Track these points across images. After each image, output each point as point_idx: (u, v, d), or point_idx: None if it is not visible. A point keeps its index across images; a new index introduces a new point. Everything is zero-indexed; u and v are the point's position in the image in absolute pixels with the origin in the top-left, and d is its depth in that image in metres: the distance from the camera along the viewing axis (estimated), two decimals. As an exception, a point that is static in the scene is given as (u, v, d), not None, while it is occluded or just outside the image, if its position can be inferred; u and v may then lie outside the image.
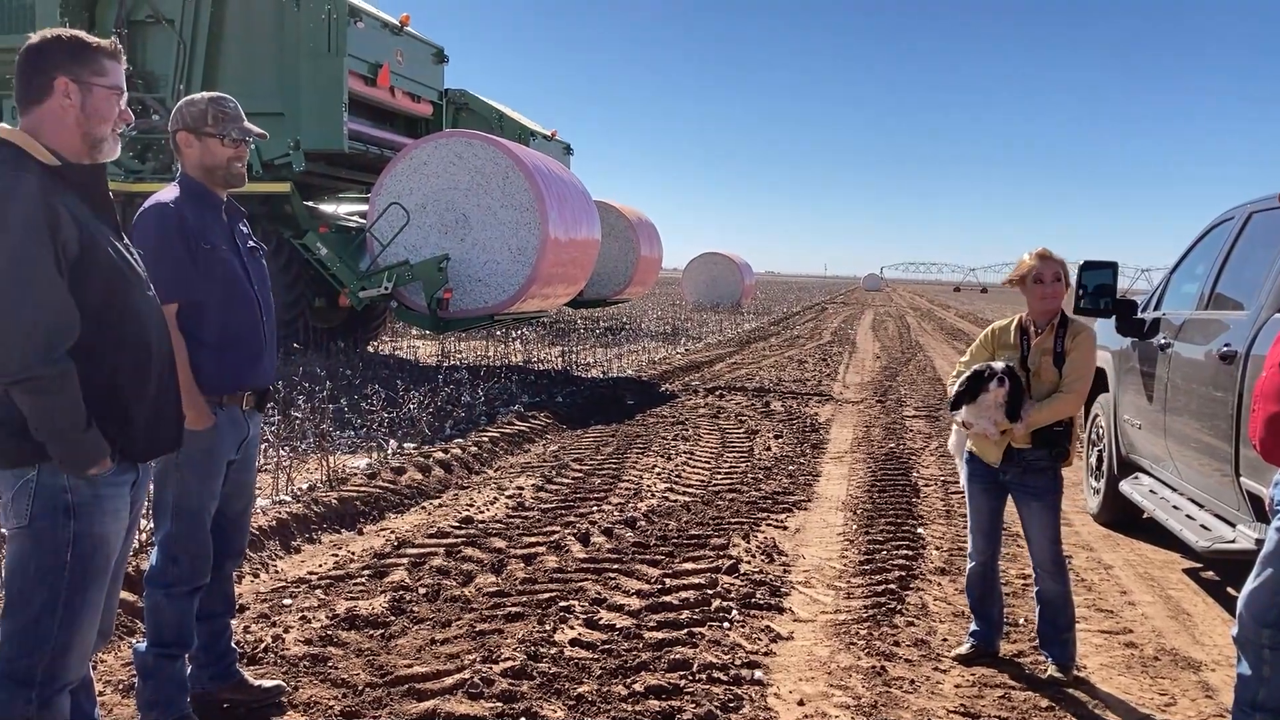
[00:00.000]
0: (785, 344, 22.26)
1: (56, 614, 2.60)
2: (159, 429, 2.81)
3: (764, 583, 5.32)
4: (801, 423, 10.79)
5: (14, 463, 2.59)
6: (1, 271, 2.47)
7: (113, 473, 2.67)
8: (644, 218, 24.82)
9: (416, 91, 15.75)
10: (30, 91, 2.65)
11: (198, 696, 3.65)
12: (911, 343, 24.58)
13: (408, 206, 13.41)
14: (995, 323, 4.57)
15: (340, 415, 9.29)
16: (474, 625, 4.58)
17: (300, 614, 4.67)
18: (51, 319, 2.51)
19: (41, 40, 2.68)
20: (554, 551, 5.79)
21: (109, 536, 2.69)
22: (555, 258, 13.67)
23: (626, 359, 16.83)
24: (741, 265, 39.89)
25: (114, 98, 2.70)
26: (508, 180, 13.30)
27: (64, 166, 2.63)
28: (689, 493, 7.42)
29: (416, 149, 13.71)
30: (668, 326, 25.22)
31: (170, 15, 13.97)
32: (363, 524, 6.41)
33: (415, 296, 13.52)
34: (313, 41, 13.43)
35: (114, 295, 2.66)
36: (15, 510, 2.60)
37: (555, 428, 10.10)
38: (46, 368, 2.49)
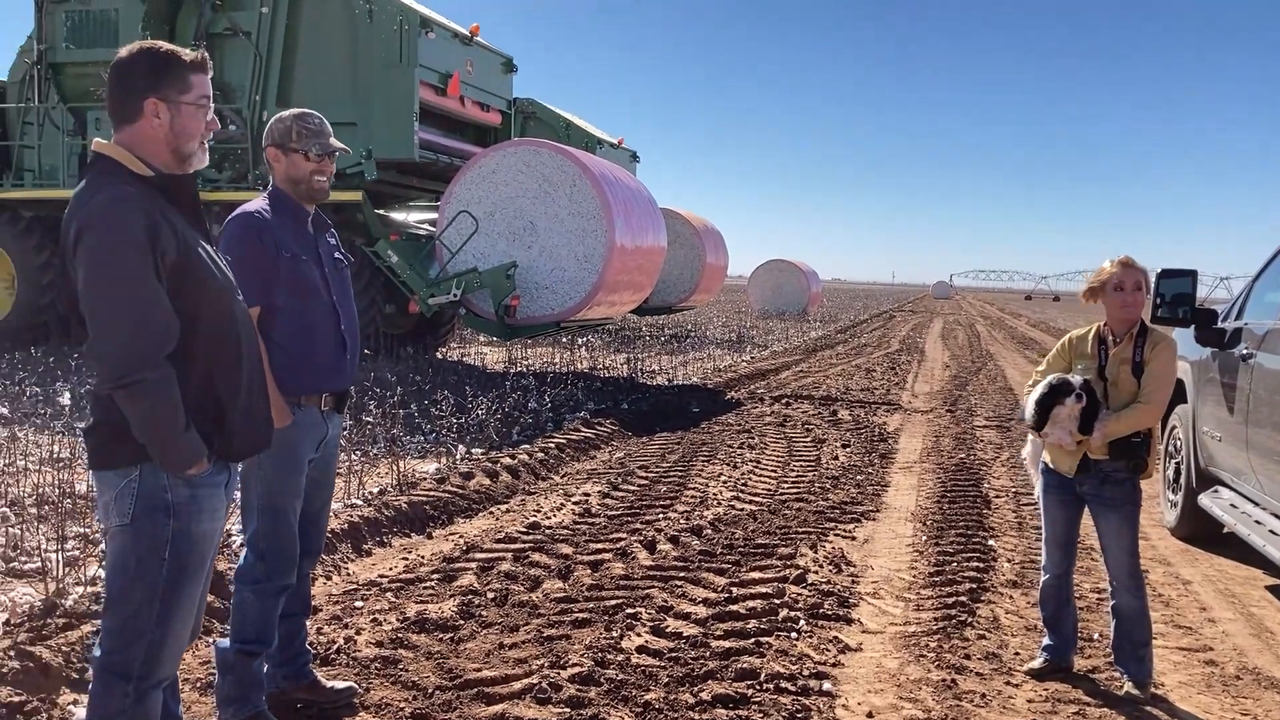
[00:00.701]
0: (852, 352, 22.07)
1: (154, 610, 2.68)
2: (251, 429, 2.89)
3: (832, 593, 5.28)
4: (869, 432, 10.70)
5: (117, 463, 2.68)
6: (105, 281, 2.56)
7: (209, 473, 2.74)
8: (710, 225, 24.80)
9: (486, 101, 15.91)
10: (121, 112, 2.73)
11: (272, 696, 3.72)
12: (982, 351, 24.21)
13: (476, 214, 13.55)
14: (1073, 331, 4.48)
15: (410, 420, 9.41)
16: (542, 630, 4.61)
17: (371, 616, 4.74)
18: (153, 325, 2.59)
19: (129, 57, 2.73)
20: (621, 558, 5.80)
21: (205, 535, 2.77)
22: (621, 265, 13.71)
23: (692, 366, 16.82)
24: (808, 272, 39.65)
25: (201, 111, 2.77)
26: (575, 188, 13.38)
27: (158, 177, 2.72)
28: (755, 501, 7.39)
29: (485, 158, 13.85)
30: (733, 334, 25.15)
31: (247, 28, 14.30)
32: (432, 528, 6.49)
33: (483, 303, 13.65)
34: (385, 52, 13.64)
35: (208, 301, 2.74)
36: (118, 509, 2.68)
37: (621, 435, 10.12)
38: (149, 372, 2.56)
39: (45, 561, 4.88)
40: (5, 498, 6.32)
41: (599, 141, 19.15)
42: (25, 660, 3.81)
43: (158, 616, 2.69)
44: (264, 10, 14.12)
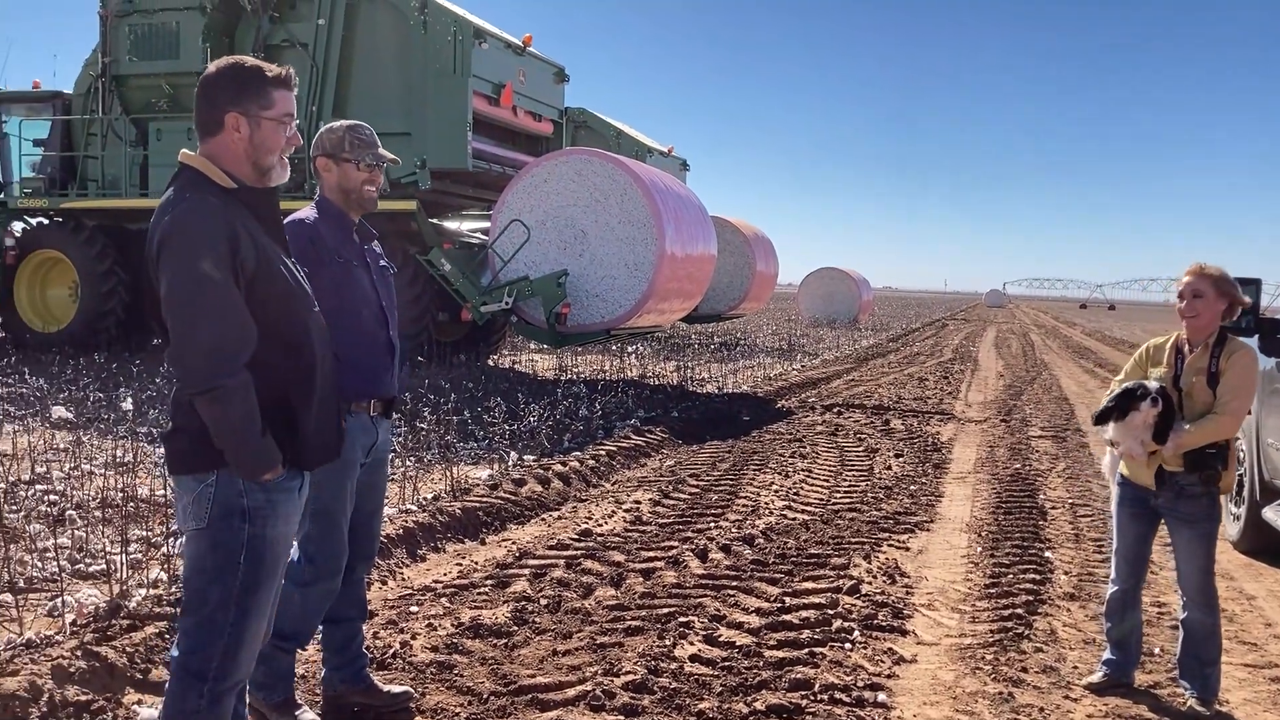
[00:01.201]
0: (905, 361, 21.89)
1: (230, 612, 2.74)
2: (323, 438, 2.95)
3: (886, 604, 5.24)
4: (923, 442, 10.60)
5: (194, 468, 2.74)
6: (187, 290, 2.62)
7: (283, 478, 2.80)
8: (760, 233, 24.74)
9: (538, 110, 16.03)
10: (205, 124, 2.81)
11: (329, 699, 3.77)
12: (1036, 361, 23.90)
13: (528, 223, 13.64)
14: (1151, 340, 4.40)
15: (463, 427, 9.49)
16: (594, 638, 4.62)
17: (427, 621, 4.78)
18: (232, 333, 2.65)
19: (215, 72, 2.82)
20: (672, 567, 5.80)
21: (280, 539, 2.83)
22: (671, 273, 13.73)
23: (742, 375, 16.78)
24: (859, 280, 39.40)
25: (282, 126, 2.83)
26: (626, 197, 13.42)
27: (240, 190, 2.78)
28: (808, 511, 7.35)
29: (537, 167, 13.94)
30: (783, 342, 25.05)
31: (304, 40, 14.54)
32: (485, 534, 6.53)
33: (534, 311, 13.73)
34: (439, 63, 13.80)
35: (285, 310, 2.80)
36: (195, 513, 2.74)
37: (671, 443, 10.12)
38: (228, 379, 2.62)
39: (110, 564, 4.98)
40: (71, 500, 6.46)
41: (649, 150, 19.20)
42: (92, 660, 3.90)
43: (234, 619, 2.75)
44: (321, 22, 14.35)
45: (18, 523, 5.85)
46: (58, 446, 8.18)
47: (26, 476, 7.01)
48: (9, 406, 10.04)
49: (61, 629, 4.24)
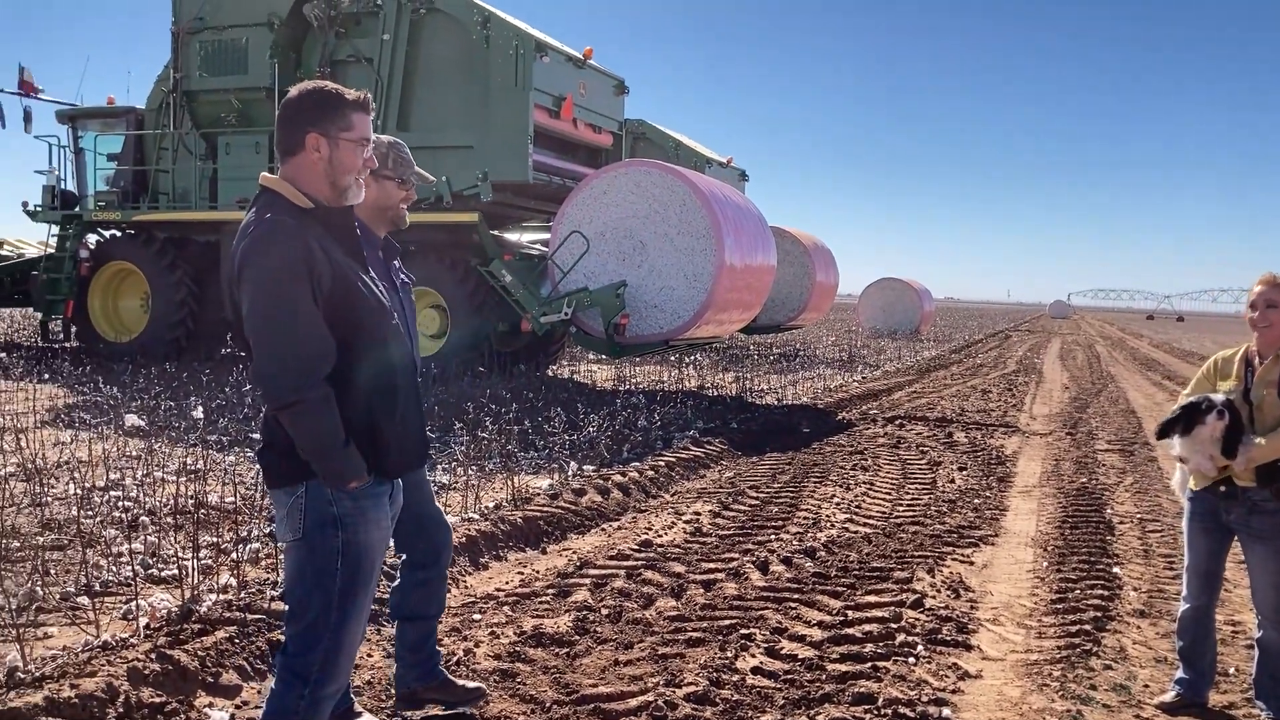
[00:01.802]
0: (967, 373, 21.61)
1: (331, 617, 2.86)
2: (407, 446, 3.05)
3: (950, 618, 5.18)
4: (986, 455, 10.46)
5: (285, 481, 2.87)
6: (266, 307, 2.73)
7: (370, 486, 2.90)
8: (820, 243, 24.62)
9: (598, 123, 16.11)
10: (287, 144, 2.91)
11: (403, 697, 3.82)
12: (1102, 373, 23.47)
13: (587, 234, 13.71)
14: (1220, 352, 4.30)
15: (524, 437, 9.55)
16: (656, 648, 4.63)
17: (489, 629, 4.82)
18: (311, 349, 2.76)
19: (297, 95, 2.92)
20: (733, 578, 5.78)
21: (373, 544, 2.94)
22: (730, 284, 13.70)
23: (801, 386, 16.69)
24: (920, 291, 39.00)
25: (359, 148, 2.93)
26: (685, 208, 13.43)
27: (317, 209, 2.88)
28: (870, 524, 7.29)
29: (597, 179, 14.00)
30: (844, 353, 24.88)
31: (369, 55, 14.77)
32: (546, 543, 6.57)
33: (593, 322, 13.78)
34: (500, 77, 13.93)
35: (363, 324, 2.89)
36: (290, 524, 2.87)
37: (731, 454, 10.10)
38: (309, 393, 2.73)
39: (181, 569, 5.08)
40: (144, 507, 6.62)
41: (708, 161, 19.21)
42: (165, 663, 3.98)
43: (334, 624, 2.87)
44: (385, 37, 14.56)
45: (94, 528, 6.00)
46: (130, 454, 8.37)
47: (101, 483, 7.19)
48: (84, 414, 10.30)
49: (136, 632, 4.35)
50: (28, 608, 4.72)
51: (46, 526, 6.13)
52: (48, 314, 17.25)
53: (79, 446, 8.62)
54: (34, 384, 12.62)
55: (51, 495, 6.84)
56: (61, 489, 7.09)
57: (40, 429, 9.48)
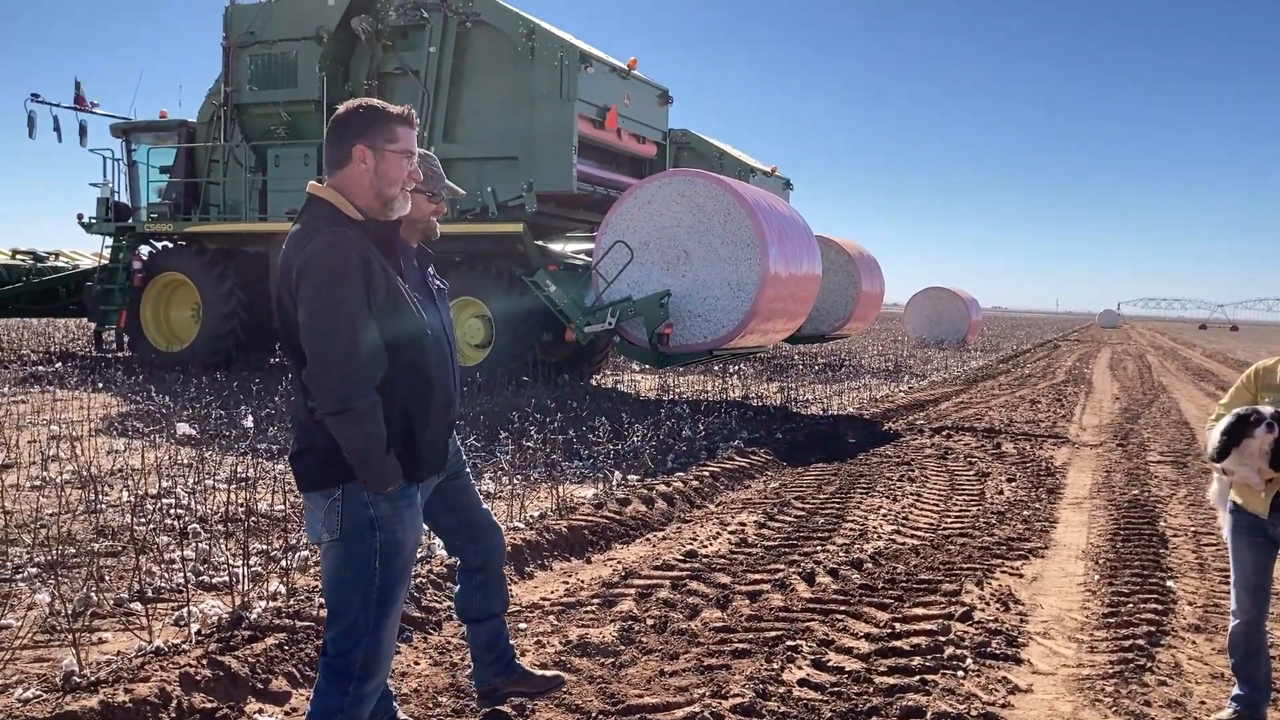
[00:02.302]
0: (1016, 383, 21.37)
1: (370, 615, 2.96)
2: (434, 453, 3.17)
3: (1000, 632, 5.11)
4: (1035, 466, 10.33)
5: (323, 484, 2.97)
6: (326, 318, 2.82)
7: (403, 488, 3.01)
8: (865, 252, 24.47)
9: (642, 133, 16.15)
10: (334, 157, 3.03)
11: (485, 694, 3.85)
12: (1154, 383, 23.10)
13: (631, 244, 13.73)
14: (1259, 362, 4.22)
15: (568, 446, 9.57)
16: (701, 659, 4.61)
17: (535, 638, 4.83)
18: (364, 357, 2.85)
19: (345, 111, 3.04)
20: (779, 589, 5.75)
21: (407, 543, 3.04)
22: (775, 293, 13.66)
23: (847, 396, 16.59)
24: (967, 300, 38.64)
25: (404, 160, 3.04)
26: (729, 217, 13.41)
27: (366, 221, 2.98)
28: (917, 535, 7.22)
29: (641, 188, 14.03)
30: (889, 363, 24.70)
31: (415, 67, 14.92)
32: (590, 553, 6.58)
33: (637, 331, 13.80)
34: (545, 88, 14.01)
35: (407, 335, 3.00)
36: (327, 526, 2.97)
37: (775, 464, 10.06)
38: (359, 400, 2.83)
39: (232, 576, 5.15)
40: (195, 514, 6.71)
41: (752, 170, 19.17)
42: (216, 669, 4.04)
43: (374, 621, 2.96)
44: (432, 50, 14.71)
45: (147, 535, 6.09)
46: (182, 462, 8.50)
47: (154, 491, 7.30)
48: (137, 423, 10.48)
49: (187, 638, 4.41)
50: (83, 613, 4.80)
51: (101, 533, 6.25)
52: (102, 324, 17.58)
53: (132, 454, 8.78)
54: (89, 393, 12.87)
55: (106, 502, 6.97)
56: (115, 496, 7.21)
57: (95, 437, 9.66)
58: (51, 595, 4.82)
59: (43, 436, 9.39)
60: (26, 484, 7.54)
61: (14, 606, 4.87)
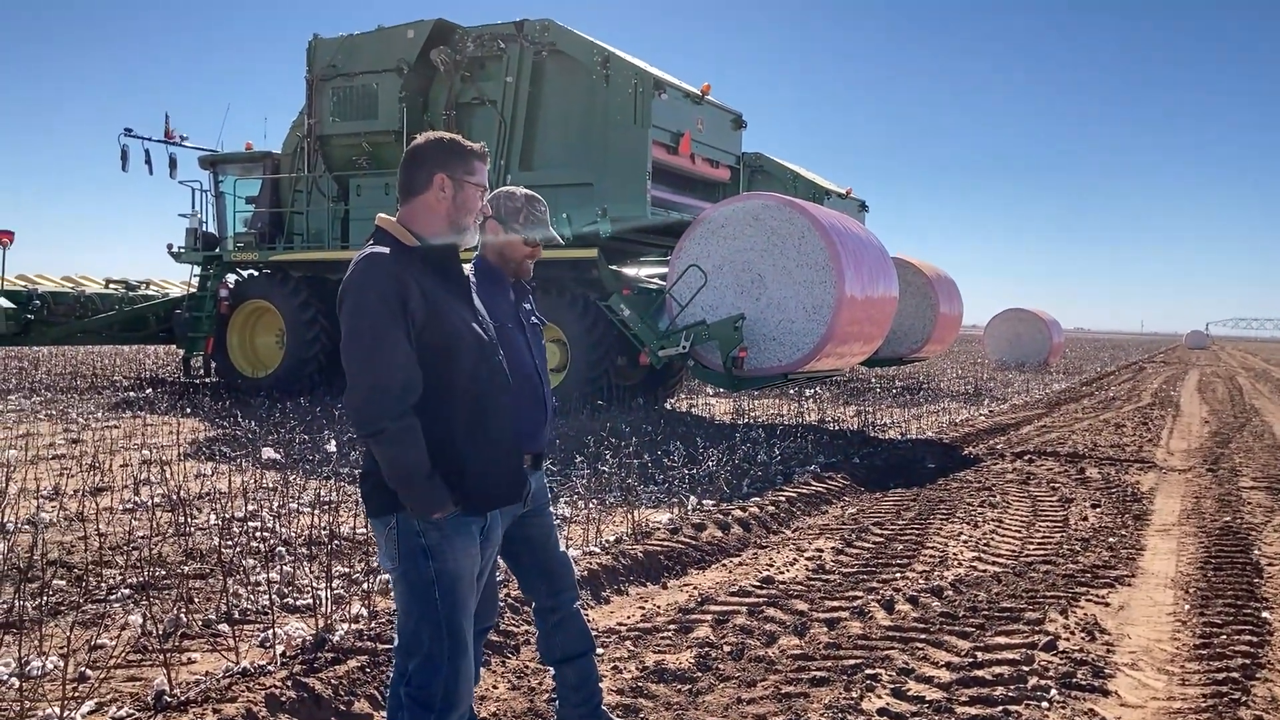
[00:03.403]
0: (1099, 406, 20.88)
1: (443, 645, 2.95)
2: (491, 484, 3.08)
3: (1085, 662, 4.99)
4: (1121, 491, 10.07)
5: (379, 511, 2.97)
6: (360, 338, 2.85)
7: (456, 516, 2.97)
8: (943, 274, 24.17)
9: (715, 157, 16.19)
10: (412, 184, 3.07)
11: None
12: (1245, 406, 22.39)
13: (705, 268, 13.75)
14: None
15: (643, 470, 9.59)
16: (779, 687, 4.58)
17: (612, 664, 4.84)
18: (396, 379, 2.85)
19: (424, 141, 3.09)
20: (857, 617, 5.69)
21: (464, 572, 3.00)
22: (851, 316, 13.55)
23: (926, 420, 16.36)
24: (1049, 322, 37.91)
25: (479, 193, 3.10)
26: (804, 240, 13.36)
27: (422, 246, 3.01)
28: (999, 563, 7.09)
29: (714, 212, 14.06)
30: (969, 386, 24.32)
31: (493, 97, 15.18)
32: (666, 578, 6.57)
33: (711, 355, 13.79)
34: (620, 114, 14.14)
35: (454, 359, 2.98)
36: (387, 553, 2.98)
37: (853, 489, 9.96)
38: (394, 422, 2.83)
39: (315, 598, 5.25)
40: (279, 537, 6.86)
41: (827, 192, 19.09)
42: (301, 690, 4.12)
43: (447, 650, 2.95)
44: (509, 80, 14.95)
45: (234, 557, 6.24)
46: (267, 486, 8.70)
47: (240, 514, 7.48)
48: (224, 448, 10.75)
49: (272, 659, 4.50)
50: (173, 633, 4.94)
51: (190, 555, 6.42)
52: (190, 350, 18.10)
53: (219, 478, 9.00)
54: (177, 418, 13.25)
55: (194, 525, 7.16)
56: (204, 519, 7.40)
57: (183, 461, 9.94)
58: (143, 616, 4.96)
59: (134, 460, 9.68)
60: (119, 507, 7.79)
61: (109, 626, 5.03)
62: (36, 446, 10.60)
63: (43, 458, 9.97)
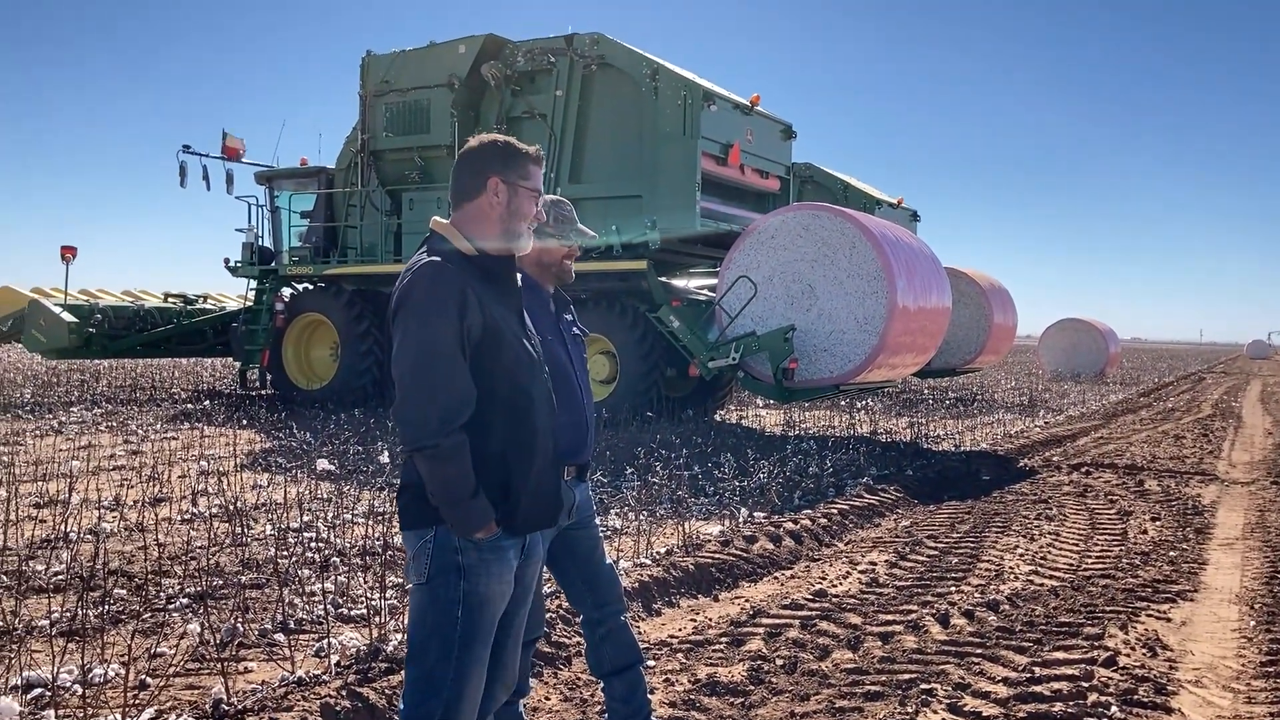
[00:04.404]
0: (1158, 417, 20.50)
1: (449, 666, 2.83)
2: (538, 505, 2.99)
3: (1147, 679, 4.88)
4: (1182, 504, 9.87)
5: (417, 524, 2.88)
6: (414, 350, 2.77)
7: (497, 538, 2.88)
8: (996, 284, 23.88)
9: (765, 168, 16.16)
10: (465, 188, 2.99)
11: None
12: (1310, 417, 21.87)
13: (755, 279, 13.71)
14: None
15: (694, 482, 9.56)
16: (833, 701, 4.53)
17: (664, 676, 4.83)
18: (451, 395, 2.77)
19: (478, 144, 3.02)
20: (912, 631, 5.62)
21: (493, 597, 2.90)
22: (903, 327, 13.43)
23: (979, 431, 16.17)
24: (1105, 331, 37.32)
25: (533, 198, 3.02)
26: (855, 250, 13.28)
27: (479, 256, 2.94)
28: (1056, 576, 6.97)
29: (764, 223, 14.02)
30: (1024, 397, 24.00)
31: (543, 111, 15.29)
32: (718, 590, 6.54)
33: (761, 366, 13.73)
34: (669, 127, 14.17)
35: (509, 376, 2.90)
36: (416, 568, 2.89)
37: (906, 502, 9.85)
38: (444, 438, 2.74)
39: (369, 609, 5.29)
40: (334, 547, 6.93)
41: (878, 202, 18.97)
42: (355, 700, 4.15)
43: (453, 673, 2.82)
44: (558, 93, 15.05)
45: (289, 567, 6.32)
46: (322, 496, 8.80)
47: (295, 524, 7.57)
48: (280, 459, 10.89)
49: (327, 669, 4.54)
50: (230, 642, 5.00)
51: (247, 565, 6.50)
52: (246, 363, 18.38)
53: (275, 489, 9.12)
54: (234, 429, 13.45)
55: (251, 535, 7.25)
56: (260, 530, 7.50)
57: (240, 472, 10.08)
58: (201, 625, 5.03)
59: (192, 472, 9.84)
60: (177, 517, 7.92)
61: (168, 635, 5.11)
62: (98, 457, 10.82)
63: (104, 468, 10.16)
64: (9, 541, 6.78)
